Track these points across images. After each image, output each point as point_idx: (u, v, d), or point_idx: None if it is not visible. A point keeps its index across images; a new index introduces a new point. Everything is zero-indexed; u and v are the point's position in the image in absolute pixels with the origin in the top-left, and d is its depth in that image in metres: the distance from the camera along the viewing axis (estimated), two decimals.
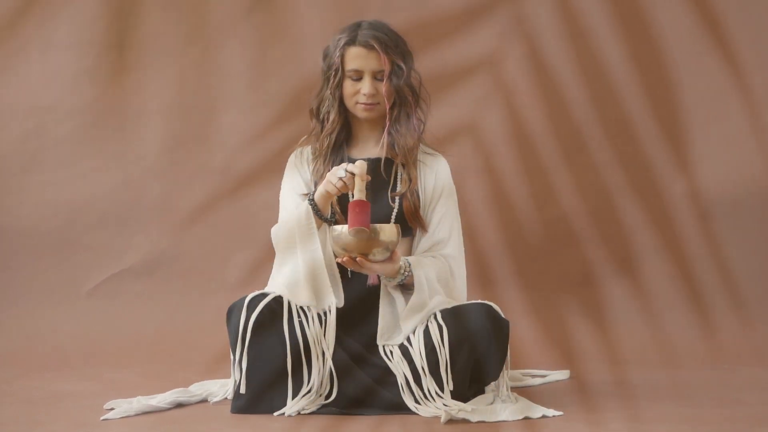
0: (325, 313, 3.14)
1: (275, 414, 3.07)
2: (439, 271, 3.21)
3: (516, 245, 4.24)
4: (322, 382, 3.09)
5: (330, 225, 3.16)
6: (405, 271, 3.15)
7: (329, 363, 3.09)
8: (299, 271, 3.16)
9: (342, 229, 3.05)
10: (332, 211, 3.21)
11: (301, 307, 3.12)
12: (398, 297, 3.18)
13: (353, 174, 3.07)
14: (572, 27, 4.23)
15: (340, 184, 3.10)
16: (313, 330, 3.10)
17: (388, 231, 3.06)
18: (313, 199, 3.17)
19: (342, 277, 3.21)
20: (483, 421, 2.99)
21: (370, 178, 3.14)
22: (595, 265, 4.22)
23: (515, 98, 4.24)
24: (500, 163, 4.24)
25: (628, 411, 3.14)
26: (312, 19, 4.22)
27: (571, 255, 4.23)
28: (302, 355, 3.08)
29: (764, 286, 4.18)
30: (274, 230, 3.24)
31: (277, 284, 3.19)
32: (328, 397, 3.10)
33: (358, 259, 3.05)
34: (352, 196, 3.07)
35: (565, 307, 4.18)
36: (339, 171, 3.10)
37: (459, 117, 4.18)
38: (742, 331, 4.08)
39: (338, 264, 3.12)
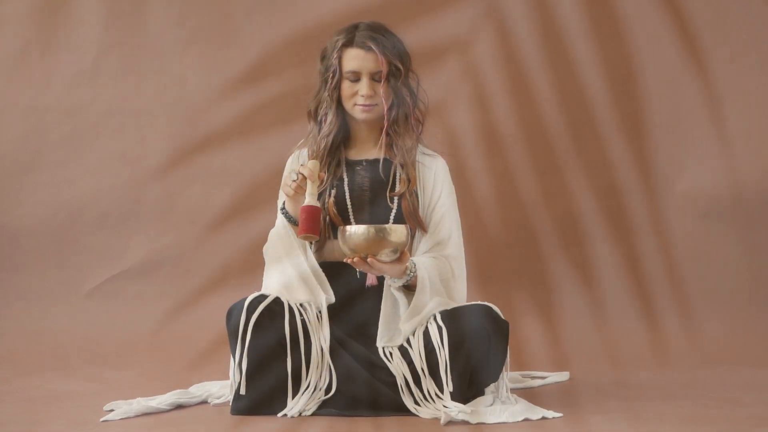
0: (320, 311, 3.14)
1: (278, 415, 3.07)
2: (440, 272, 3.21)
3: (515, 246, 4.23)
4: (321, 375, 3.09)
5: None
6: (411, 271, 3.15)
7: (327, 357, 3.09)
8: (290, 275, 3.16)
9: (351, 230, 3.05)
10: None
11: (301, 304, 3.13)
12: (401, 298, 3.18)
13: (305, 175, 3.08)
14: (569, 28, 4.22)
15: (294, 185, 3.10)
16: (314, 325, 3.10)
17: (398, 232, 3.06)
18: (284, 207, 3.17)
19: (346, 277, 3.22)
20: (483, 423, 2.99)
21: (324, 175, 3.18)
22: (596, 265, 4.21)
23: (512, 101, 4.24)
24: (500, 163, 4.24)
25: (628, 412, 3.15)
26: (316, 19, 4.22)
27: (572, 256, 4.22)
28: (302, 355, 3.08)
29: (761, 287, 4.18)
30: (264, 247, 3.25)
31: (272, 287, 3.19)
32: (328, 391, 3.10)
33: (369, 259, 3.06)
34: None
35: (564, 309, 4.18)
36: (293, 173, 3.11)
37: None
38: (742, 331, 4.08)
39: (347, 264, 3.12)
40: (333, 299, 3.17)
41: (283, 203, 3.20)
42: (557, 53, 4.23)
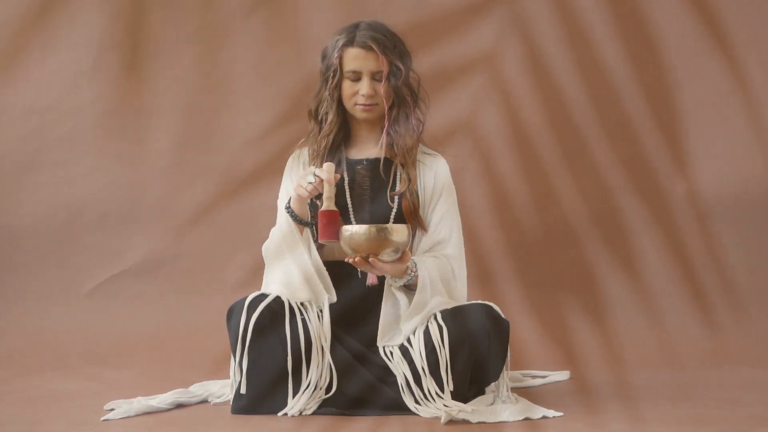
0: (321, 309, 3.14)
1: (278, 414, 3.07)
2: (441, 272, 3.21)
3: (516, 245, 4.23)
4: (321, 374, 3.09)
5: (310, 227, 3.17)
6: (411, 271, 3.15)
7: (327, 356, 3.09)
8: (293, 273, 3.16)
9: (353, 229, 3.05)
10: (313, 213, 3.21)
11: (302, 303, 3.13)
12: (401, 297, 3.18)
13: (322, 178, 3.08)
14: (571, 28, 4.23)
15: (310, 188, 3.11)
16: (314, 325, 3.11)
17: (400, 231, 3.06)
18: (290, 207, 3.17)
19: (347, 277, 3.22)
20: (483, 422, 3.00)
21: (339, 177, 3.18)
22: (595, 265, 4.22)
23: (513, 98, 4.24)
24: (500, 163, 4.24)
25: (629, 411, 3.15)
26: (315, 19, 4.22)
27: (572, 255, 4.22)
28: (302, 354, 3.08)
29: (763, 286, 4.18)
30: (264, 246, 3.25)
31: (273, 286, 3.19)
32: (328, 390, 3.10)
33: (370, 259, 3.06)
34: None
35: (565, 308, 4.18)
36: (309, 176, 3.11)
37: (457, 115, 4.18)
38: (741, 331, 4.09)
39: (348, 263, 3.11)
40: (335, 298, 3.17)
41: (288, 202, 3.20)
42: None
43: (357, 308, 3.22)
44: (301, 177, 3.15)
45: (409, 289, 3.19)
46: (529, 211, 4.23)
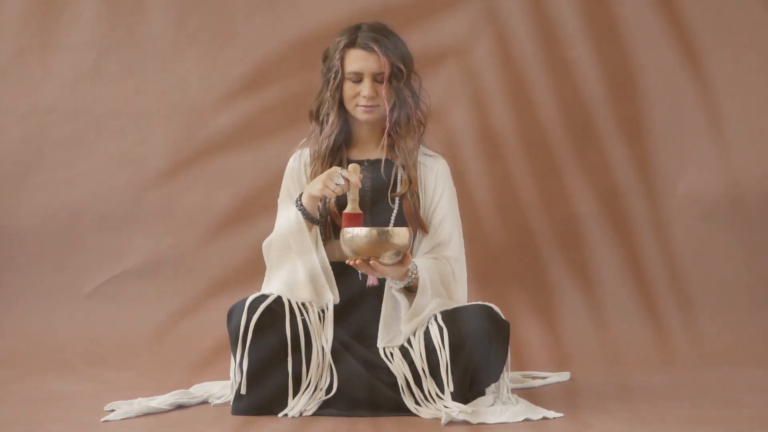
0: (322, 310, 3.14)
1: (279, 415, 3.07)
2: (441, 274, 3.21)
3: (516, 247, 4.24)
4: (322, 375, 3.09)
5: (319, 225, 3.18)
6: (412, 273, 3.15)
7: (328, 357, 3.09)
8: (298, 271, 3.16)
9: (354, 232, 3.05)
10: (321, 212, 3.21)
11: (303, 304, 3.13)
12: (402, 299, 3.18)
13: (350, 181, 3.09)
14: (563, 29, 4.23)
15: (338, 189, 3.11)
16: (315, 325, 3.10)
17: (401, 234, 3.06)
18: (301, 204, 3.17)
19: (347, 278, 3.22)
20: (483, 423, 2.99)
21: (362, 176, 3.18)
22: (596, 266, 4.22)
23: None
24: (500, 166, 4.24)
25: (629, 413, 3.15)
26: (313, 21, 4.22)
27: (572, 258, 4.23)
28: (303, 355, 3.08)
29: (764, 287, 4.18)
30: (265, 243, 3.25)
31: (274, 285, 3.19)
32: (329, 391, 3.10)
33: (371, 261, 3.06)
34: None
35: (565, 309, 4.18)
36: (336, 177, 3.11)
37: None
38: (741, 332, 4.09)
39: (348, 264, 3.12)
40: (338, 300, 3.17)
41: (299, 199, 3.19)
42: (556, 56, 4.23)
43: (357, 310, 3.21)
44: (328, 178, 3.13)
45: (410, 291, 3.19)
46: (530, 212, 4.23)
